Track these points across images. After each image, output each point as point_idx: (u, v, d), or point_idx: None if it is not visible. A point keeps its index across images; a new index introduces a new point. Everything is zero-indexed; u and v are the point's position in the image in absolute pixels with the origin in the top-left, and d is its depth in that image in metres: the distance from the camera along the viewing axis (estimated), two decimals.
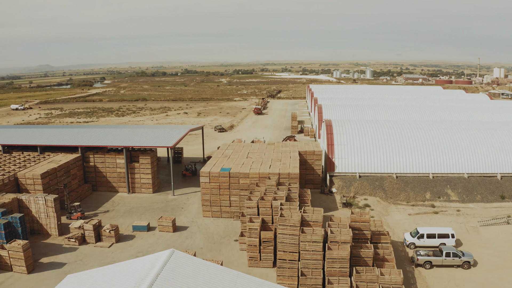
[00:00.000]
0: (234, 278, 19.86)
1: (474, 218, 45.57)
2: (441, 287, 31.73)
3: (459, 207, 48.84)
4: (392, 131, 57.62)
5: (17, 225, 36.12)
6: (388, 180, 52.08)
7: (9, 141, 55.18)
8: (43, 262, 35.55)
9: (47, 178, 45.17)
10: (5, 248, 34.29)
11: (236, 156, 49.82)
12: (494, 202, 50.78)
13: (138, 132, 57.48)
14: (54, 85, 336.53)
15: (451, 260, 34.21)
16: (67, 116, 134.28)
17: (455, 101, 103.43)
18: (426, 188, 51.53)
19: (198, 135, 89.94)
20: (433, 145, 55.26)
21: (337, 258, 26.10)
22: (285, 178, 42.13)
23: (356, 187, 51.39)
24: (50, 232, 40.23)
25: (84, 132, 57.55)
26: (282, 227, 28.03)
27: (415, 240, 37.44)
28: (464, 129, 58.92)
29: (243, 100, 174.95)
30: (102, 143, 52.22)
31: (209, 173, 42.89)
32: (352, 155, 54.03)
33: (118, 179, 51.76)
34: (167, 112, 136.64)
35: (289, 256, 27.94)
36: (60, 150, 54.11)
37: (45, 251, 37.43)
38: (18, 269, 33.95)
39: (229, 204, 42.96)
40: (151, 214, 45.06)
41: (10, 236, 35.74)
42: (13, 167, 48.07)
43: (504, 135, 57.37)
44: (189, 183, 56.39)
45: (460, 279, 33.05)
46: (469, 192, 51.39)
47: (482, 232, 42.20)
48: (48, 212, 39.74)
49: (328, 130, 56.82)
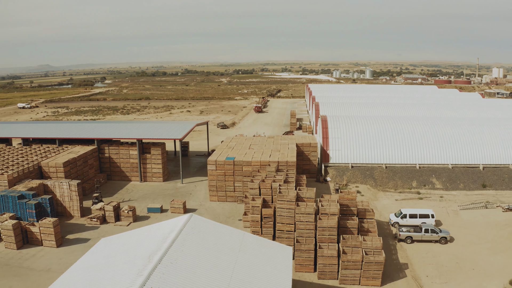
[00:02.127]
0: (241, 235, 24.58)
1: (455, 203, 50.24)
2: (419, 257, 36.43)
3: (443, 194, 53.53)
4: (383, 126, 62.34)
5: (46, 205, 40.86)
6: (378, 170, 56.81)
7: (30, 134, 59.91)
8: (69, 238, 40.23)
9: (68, 166, 49.91)
10: (35, 225, 39.02)
11: (239, 148, 54.60)
12: (476, 190, 55.45)
13: (148, 126, 62.21)
14: (55, 85, 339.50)
15: (430, 235, 38.89)
16: (73, 114, 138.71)
17: (448, 100, 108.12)
18: (413, 177, 56.25)
19: (201, 131, 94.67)
20: (420, 139, 59.98)
21: (326, 227, 30.80)
22: (283, 166, 46.97)
23: (349, 176, 56.13)
24: (73, 214, 44.94)
25: (99, 126, 62.34)
26: (280, 202, 32.78)
27: (399, 219, 42.15)
28: (451, 124, 63.63)
29: (243, 99, 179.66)
30: (117, 136, 56.95)
31: (216, 161, 47.76)
32: (345, 147, 58.76)
33: (131, 169, 56.53)
34: (171, 110, 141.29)
35: (286, 227, 32.69)
36: (77, 142, 58.82)
37: (70, 229, 42.12)
38: (48, 243, 38.61)
39: (233, 189, 47.84)
40: (162, 199, 49.86)
41: (39, 215, 40.45)
42: (35, 157, 52.77)
43: (488, 130, 62.07)
44: (196, 173, 61.13)
45: (437, 251, 37.72)
46: (452, 181, 56.08)
47: (461, 215, 46.88)
48: (72, 195, 44.46)
49: (323, 125, 61.54)
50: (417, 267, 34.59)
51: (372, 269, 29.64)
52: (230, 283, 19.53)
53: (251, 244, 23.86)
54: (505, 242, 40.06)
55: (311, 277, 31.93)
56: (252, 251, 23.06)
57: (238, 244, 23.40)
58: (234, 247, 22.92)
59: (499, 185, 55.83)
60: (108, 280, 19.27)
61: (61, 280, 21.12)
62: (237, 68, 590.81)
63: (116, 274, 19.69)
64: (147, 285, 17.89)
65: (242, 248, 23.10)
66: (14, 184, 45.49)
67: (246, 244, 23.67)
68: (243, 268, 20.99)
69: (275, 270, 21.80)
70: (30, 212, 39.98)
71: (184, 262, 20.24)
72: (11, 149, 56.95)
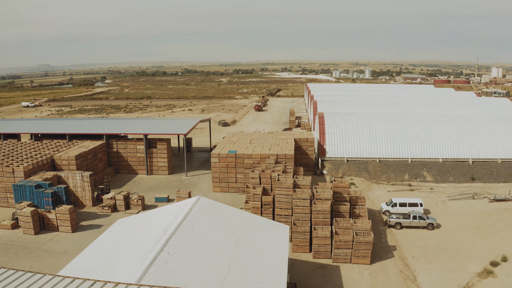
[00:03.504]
0: (244, 214, 27.64)
1: (444, 195, 53.30)
2: (407, 241, 39.51)
3: (433, 186, 56.62)
4: (377, 122, 65.41)
5: (62, 194, 43.95)
6: (372, 164, 59.91)
7: (42, 130, 62.99)
8: (83, 224, 43.31)
9: (80, 159, 52.98)
10: (51, 213, 42.08)
11: (240, 142, 57.71)
12: (465, 183, 58.52)
13: (154, 122, 65.31)
14: (55, 85, 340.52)
15: (417, 222, 41.97)
16: (77, 112, 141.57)
17: (443, 98, 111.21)
18: (405, 170, 59.35)
19: (203, 129, 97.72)
20: (413, 134, 63.05)
21: (320, 211, 33.86)
22: (282, 158, 50.08)
23: (344, 169, 59.22)
24: (85, 203, 48.01)
25: (107, 123, 65.42)
26: (279, 189, 35.86)
27: (389, 208, 45.22)
28: (443, 121, 66.71)
29: (244, 98, 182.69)
30: (124, 131, 60.04)
31: (219, 154, 50.90)
32: (341, 143, 61.84)
33: (138, 163, 59.62)
34: (172, 109, 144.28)
35: (284, 212, 35.76)
36: (86, 138, 61.86)
37: (83, 217, 45.19)
38: (64, 229, 41.70)
39: (235, 181, 50.94)
40: (169, 190, 52.94)
41: (55, 203, 43.51)
42: (47, 151, 55.82)
43: (478, 126, 65.16)
44: (200, 167, 64.23)
45: (424, 236, 40.80)
46: (442, 174, 59.17)
47: (449, 205, 49.95)
48: (84, 186, 47.53)
49: (320, 121, 64.62)
50: (405, 249, 37.66)
51: (362, 248, 32.72)
52: (235, 251, 22.58)
53: (253, 222, 26.94)
54: (489, 229, 43.11)
55: (307, 257, 35.01)
56: (254, 227, 26.13)
57: (241, 221, 26.46)
58: (238, 224, 25.99)
59: (487, 178, 58.90)
60: (131, 248, 22.32)
61: (87, 250, 24.17)
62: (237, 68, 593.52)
63: (137, 243, 22.75)
64: (165, 250, 20.93)
65: (245, 224, 26.15)
66: (29, 175, 48.53)
67: (249, 222, 26.74)
68: (246, 239, 24.05)
69: (274, 242, 24.86)
70: (47, 200, 43.04)
71: (195, 234, 23.30)
72: (24, 144, 59.99)
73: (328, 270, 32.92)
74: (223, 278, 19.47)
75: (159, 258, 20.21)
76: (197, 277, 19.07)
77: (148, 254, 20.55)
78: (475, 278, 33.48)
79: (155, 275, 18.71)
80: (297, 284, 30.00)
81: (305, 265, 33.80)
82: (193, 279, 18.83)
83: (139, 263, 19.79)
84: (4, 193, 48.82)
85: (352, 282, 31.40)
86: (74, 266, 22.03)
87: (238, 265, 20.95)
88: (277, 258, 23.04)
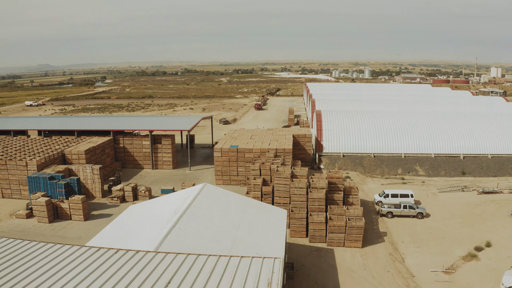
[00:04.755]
0: (246, 199, 30.45)
1: (435, 187, 56.09)
2: (397, 228, 42.32)
3: (425, 179, 59.44)
4: (372, 119, 68.23)
5: (74, 185, 46.76)
6: (367, 159, 62.74)
7: (52, 126, 65.83)
8: (94, 214, 46.11)
9: (89, 154, 55.78)
10: (64, 202, 44.86)
11: (241, 138, 60.56)
12: (456, 177, 61.33)
13: (158, 119, 68.18)
14: (55, 84, 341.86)
15: (408, 211, 44.78)
16: (80, 111, 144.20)
17: (439, 97, 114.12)
18: (399, 165, 62.17)
19: (204, 126, 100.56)
20: (407, 131, 65.86)
21: (316, 199, 36.67)
22: (281, 153, 52.95)
23: (340, 164, 62.06)
24: (95, 195, 50.81)
25: (113, 120, 68.31)
26: (277, 179, 38.67)
27: (382, 198, 48.03)
28: (436, 118, 69.53)
29: (244, 97, 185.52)
30: (131, 127, 62.89)
31: (221, 149, 53.79)
32: (337, 139, 64.66)
33: (143, 158, 62.47)
34: (174, 108, 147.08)
35: (282, 200, 38.57)
36: (94, 134, 64.64)
37: (93, 207, 47.98)
38: (76, 217, 44.50)
39: (236, 174, 53.83)
40: (173, 183, 55.76)
41: (68, 194, 46.30)
42: (58, 147, 58.60)
43: (470, 123, 67.99)
44: (202, 162, 67.07)
45: (413, 224, 43.60)
46: (434, 169, 61.99)
47: (439, 196, 52.75)
48: (94, 178, 50.34)
49: (318, 118, 67.45)
50: (395, 235, 40.48)
51: (354, 232, 35.52)
52: (238, 229, 25.36)
53: (254, 205, 29.75)
54: (475, 218, 45.90)
55: (304, 241, 37.83)
56: (255, 210, 28.93)
57: (243, 205, 29.26)
58: (241, 207, 28.78)
59: (477, 172, 61.71)
60: (145, 226, 25.11)
61: (105, 230, 26.95)
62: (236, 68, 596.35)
63: (151, 222, 25.54)
64: (176, 226, 23.72)
65: (247, 208, 28.95)
66: (42, 168, 51.32)
67: (250, 205, 29.55)
68: (247, 220, 26.83)
69: (273, 223, 27.64)
70: (60, 191, 45.84)
71: (203, 214, 26.10)
72: (34, 140, 62.76)
73: (323, 253, 35.75)
74: (229, 250, 22.26)
75: (172, 233, 23.00)
76: (205, 249, 21.85)
77: (162, 230, 23.34)
78: (460, 261, 36.26)
79: (169, 246, 21.48)
80: (294, 263, 32.80)
81: (302, 248, 36.61)
82: (202, 249, 21.60)
83: (154, 237, 22.58)
84: (18, 185, 51.61)
85: (344, 263, 34.22)
86: (95, 242, 24.79)
87: (241, 240, 23.74)
88: (275, 236, 25.82)
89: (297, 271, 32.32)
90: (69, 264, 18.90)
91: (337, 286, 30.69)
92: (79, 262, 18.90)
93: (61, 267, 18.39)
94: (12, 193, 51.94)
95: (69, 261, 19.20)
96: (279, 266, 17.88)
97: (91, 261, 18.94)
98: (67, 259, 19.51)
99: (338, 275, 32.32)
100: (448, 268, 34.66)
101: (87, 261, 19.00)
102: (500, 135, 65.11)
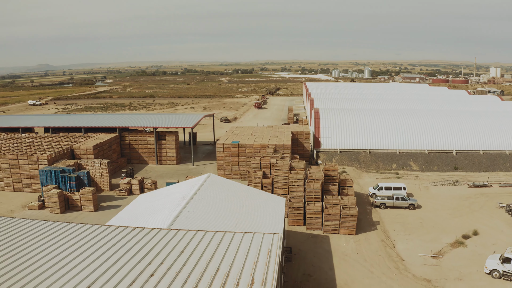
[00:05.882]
0: (248, 188, 33.01)
1: (428, 181, 58.64)
2: (390, 218, 44.86)
3: (418, 174, 61.99)
4: (368, 117, 70.81)
5: (84, 178, 49.33)
6: (363, 155, 65.32)
7: (59, 124, 68.31)
8: (103, 205, 48.67)
9: (97, 149, 58.36)
10: (75, 194, 47.41)
11: (242, 135, 63.16)
12: (448, 172, 63.88)
13: (162, 117, 70.79)
14: (56, 84, 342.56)
15: (400, 202, 47.33)
16: (83, 110, 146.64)
17: (435, 96, 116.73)
18: (393, 160, 64.74)
19: (206, 125, 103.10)
20: (401, 128, 68.43)
21: (313, 189, 39.23)
22: (280, 148, 55.58)
23: (337, 159, 64.63)
24: (103, 188, 53.35)
25: (119, 117, 70.89)
26: (277, 171, 41.24)
27: (376, 191, 50.56)
28: (429, 115, 72.14)
29: (244, 97, 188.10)
30: (136, 124, 65.47)
31: (223, 144, 56.42)
32: (334, 135, 67.24)
33: (148, 154, 65.06)
34: (175, 107, 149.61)
35: (281, 191, 41.14)
36: (100, 131, 67.18)
37: (102, 199, 50.51)
38: (87, 208, 47.06)
39: (238, 168, 56.48)
40: (178, 177, 58.33)
41: (78, 186, 48.85)
42: (66, 143, 61.15)
43: (462, 120, 70.59)
44: (205, 158, 69.68)
45: (405, 214, 46.15)
46: (427, 164, 64.55)
47: (431, 190, 55.28)
48: (102, 172, 52.88)
49: (315, 116, 70.03)
50: (387, 224, 43.04)
51: (348, 220, 38.10)
52: (241, 212, 27.91)
53: (255, 193, 32.34)
54: (464, 209, 48.41)
55: (301, 229, 40.38)
56: (256, 197, 31.48)
57: (245, 192, 31.84)
58: (243, 194, 31.35)
59: (469, 168, 64.27)
60: (157, 209, 27.67)
61: (119, 215, 29.50)
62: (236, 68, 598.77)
63: (162, 206, 28.10)
64: (185, 209, 26.28)
65: (249, 195, 31.52)
66: (52, 163, 53.86)
67: (252, 193, 32.14)
68: (249, 205, 29.38)
69: (273, 208, 30.20)
70: (71, 183, 48.40)
71: (208, 200, 28.65)
72: (43, 137, 65.31)
73: (319, 239, 38.32)
74: (233, 228, 24.79)
75: (182, 214, 25.53)
76: (212, 227, 24.37)
77: (172, 212, 25.88)
78: (447, 247, 38.79)
79: (179, 225, 24.00)
80: (292, 248, 35.37)
81: (300, 235, 39.17)
82: (209, 228, 24.12)
83: (165, 218, 25.12)
84: (29, 179, 54.15)
85: (339, 248, 36.79)
86: (111, 223, 27.30)
87: (244, 221, 26.27)
88: (275, 219, 28.37)
89: (295, 255, 34.87)
90: (93, 239, 21.44)
91: (331, 268, 33.26)
92: (101, 238, 21.44)
93: (85, 241, 20.93)
94: (23, 187, 54.45)
95: (92, 237, 21.73)
96: (278, 240, 20.41)
97: (112, 236, 21.49)
98: (90, 235, 22.05)
99: (332, 258, 34.90)
100: (436, 253, 37.19)
101: (108, 236, 21.55)
102: (491, 132, 67.66)
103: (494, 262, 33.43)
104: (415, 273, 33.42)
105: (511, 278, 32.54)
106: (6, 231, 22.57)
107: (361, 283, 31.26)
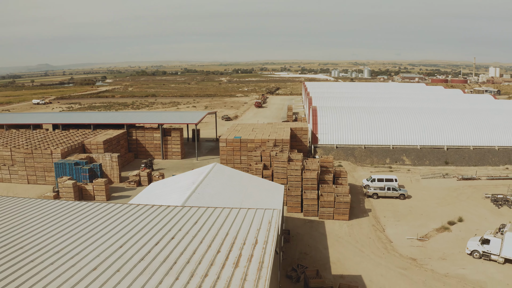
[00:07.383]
0: (250, 176, 36.49)
1: (419, 175, 62.09)
2: (381, 206, 48.32)
3: (410, 168, 65.45)
4: (364, 114, 74.27)
5: (97, 170, 52.77)
6: (358, 150, 68.80)
7: (70, 120, 71.81)
8: (114, 195, 52.09)
9: (106, 144, 61.81)
10: (88, 185, 50.83)
11: (244, 131, 66.70)
12: (439, 166, 67.32)
13: (167, 114, 74.38)
14: (56, 84, 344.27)
15: (391, 192, 50.79)
16: (87, 109, 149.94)
17: (431, 95, 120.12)
18: (387, 155, 68.22)
19: (208, 123, 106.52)
20: (395, 124, 71.86)
21: (309, 178, 42.71)
22: (279, 143, 59.10)
23: (334, 154, 68.08)
24: (113, 180, 56.79)
25: (126, 115, 74.42)
26: (276, 163, 44.72)
27: (369, 182, 53.99)
28: (423, 113, 75.56)
29: (244, 96, 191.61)
30: (143, 121, 68.96)
31: (226, 139, 59.98)
32: (331, 132, 70.70)
33: (154, 149, 68.54)
34: (177, 106, 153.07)
35: (281, 181, 44.58)
36: (108, 127, 70.64)
37: (113, 190, 53.92)
38: (99, 198, 50.48)
39: (240, 162, 59.98)
40: (183, 171, 61.41)
41: (91, 178, 52.29)
42: (77, 138, 64.59)
43: (453, 117, 74.01)
44: (208, 153, 73.14)
45: (396, 203, 49.61)
46: (419, 158, 68.02)
47: (422, 182, 58.72)
48: (113, 165, 56.33)
49: (313, 113, 73.50)
50: (378, 212, 46.50)
51: (341, 207, 41.56)
52: (245, 195, 31.36)
53: (257, 180, 35.82)
54: (452, 200, 51.83)
55: (299, 215, 43.86)
56: (258, 183, 34.95)
57: (248, 179, 35.30)
58: (246, 181, 34.81)
59: (459, 162, 67.72)
60: (169, 192, 31.11)
61: (134, 199, 32.90)
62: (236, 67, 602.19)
63: (172, 191, 31.54)
64: (196, 192, 29.73)
65: (251, 181, 34.98)
66: (65, 156, 57.28)
67: (254, 180, 35.61)
68: (252, 189, 32.84)
69: (273, 194, 33.66)
70: (84, 175, 51.85)
71: (215, 185, 32.11)
72: (54, 133, 68.74)
73: (315, 224, 41.81)
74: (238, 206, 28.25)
75: (192, 196, 28.95)
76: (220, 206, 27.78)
77: (184, 194, 29.30)
78: (433, 232, 42.24)
79: (191, 203, 27.42)
80: (290, 230, 38.83)
81: (297, 220, 42.65)
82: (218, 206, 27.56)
83: (178, 198, 28.54)
84: (43, 172, 57.56)
85: (333, 231, 40.26)
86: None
87: (247, 201, 29.69)
88: (274, 200, 31.82)
89: (293, 237, 38.33)
90: (116, 214, 24.84)
91: (326, 248, 36.73)
92: (125, 212, 24.87)
93: (114, 214, 24.36)
94: (37, 179, 57.86)
95: (115, 213, 25.15)
96: (278, 214, 23.85)
97: (134, 211, 24.91)
98: (113, 211, 25.47)
99: (327, 240, 38.38)
100: (422, 236, 40.64)
101: (131, 212, 24.97)
102: (482, 128, 71.05)
103: (474, 243, 36.83)
104: (402, 253, 36.87)
105: (490, 258, 35.89)
106: (58, 209, 26.02)
107: (352, 260, 34.73)
